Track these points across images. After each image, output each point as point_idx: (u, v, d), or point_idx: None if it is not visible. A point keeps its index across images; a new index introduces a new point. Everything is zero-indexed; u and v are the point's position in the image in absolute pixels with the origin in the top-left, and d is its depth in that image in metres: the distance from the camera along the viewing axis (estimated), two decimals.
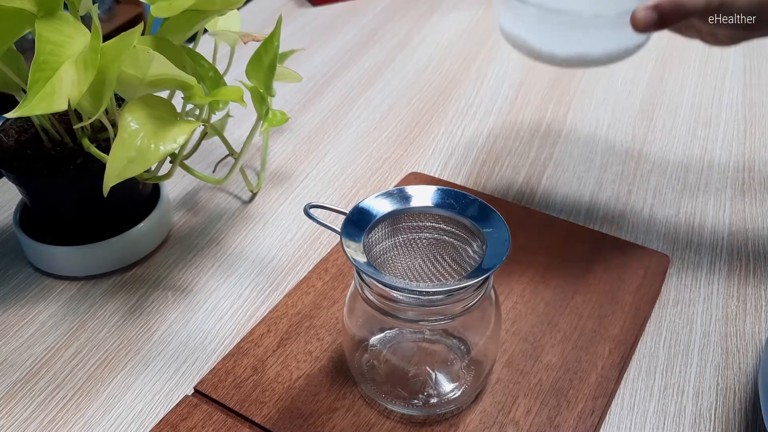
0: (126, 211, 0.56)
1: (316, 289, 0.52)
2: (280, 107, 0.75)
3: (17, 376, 0.48)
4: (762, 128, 0.72)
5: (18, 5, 0.44)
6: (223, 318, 0.52)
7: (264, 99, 0.53)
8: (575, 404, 0.44)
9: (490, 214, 0.41)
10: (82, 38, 0.45)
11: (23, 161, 0.52)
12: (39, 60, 0.43)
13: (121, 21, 1.97)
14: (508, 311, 0.50)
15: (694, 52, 0.85)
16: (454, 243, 0.43)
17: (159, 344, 0.50)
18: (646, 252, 0.55)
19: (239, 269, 0.57)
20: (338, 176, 0.66)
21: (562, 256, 0.55)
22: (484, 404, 0.44)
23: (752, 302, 0.53)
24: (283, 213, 0.62)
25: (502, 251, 0.39)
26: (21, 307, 0.53)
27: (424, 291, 0.38)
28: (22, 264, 0.57)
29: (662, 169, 0.67)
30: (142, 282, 0.55)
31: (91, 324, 0.52)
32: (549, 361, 0.47)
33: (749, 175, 0.66)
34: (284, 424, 0.43)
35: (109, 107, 0.50)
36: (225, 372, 0.46)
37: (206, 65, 0.52)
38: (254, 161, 0.68)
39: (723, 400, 0.46)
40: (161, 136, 0.46)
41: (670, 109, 0.76)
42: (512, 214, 0.59)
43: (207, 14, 0.51)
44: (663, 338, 0.50)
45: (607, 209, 0.62)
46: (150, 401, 0.47)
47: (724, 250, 0.58)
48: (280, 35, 0.51)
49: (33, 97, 0.42)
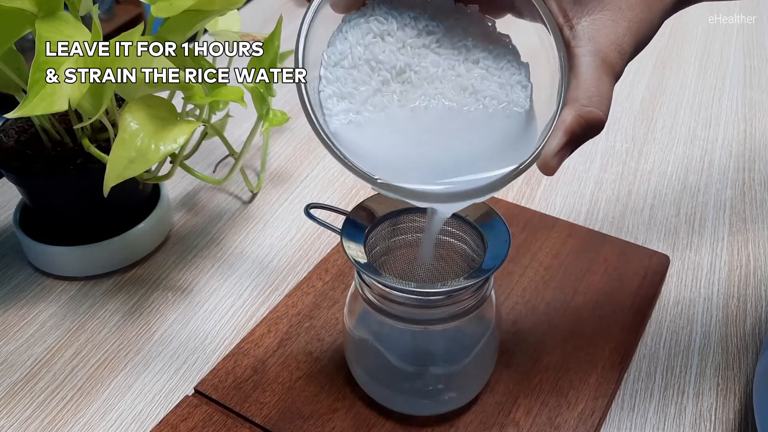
0: (126, 212, 0.56)
1: (317, 289, 0.52)
2: (281, 107, 0.75)
3: (17, 377, 0.48)
4: (762, 128, 0.72)
5: (18, 5, 0.44)
6: (223, 318, 0.52)
7: (264, 99, 0.53)
8: (575, 405, 0.44)
9: (490, 214, 0.41)
10: (82, 38, 0.45)
11: (23, 161, 0.52)
12: (39, 60, 0.43)
13: (121, 21, 1.97)
14: (508, 312, 0.50)
15: (694, 52, 0.85)
16: (454, 243, 0.43)
17: (159, 344, 0.50)
18: (646, 252, 0.55)
19: (239, 269, 0.57)
20: (338, 176, 0.66)
21: (562, 256, 0.55)
22: (484, 404, 0.44)
23: (752, 303, 0.53)
24: (284, 213, 0.62)
25: (502, 252, 0.39)
26: (21, 308, 0.53)
27: (424, 292, 0.38)
28: (22, 264, 0.57)
29: (662, 169, 0.67)
30: (142, 282, 0.55)
31: (91, 324, 0.52)
32: (549, 361, 0.47)
33: (749, 175, 0.66)
34: (284, 424, 0.43)
35: (109, 107, 0.50)
36: (225, 372, 0.46)
37: (206, 65, 0.51)
38: (254, 161, 0.68)
39: (723, 400, 0.46)
40: (161, 136, 0.46)
41: (670, 109, 0.76)
42: (512, 214, 0.59)
43: (207, 14, 0.50)
44: (663, 339, 0.50)
45: (607, 209, 0.62)
46: (150, 401, 0.47)
47: (724, 250, 0.58)
48: (281, 35, 0.51)
49: (33, 98, 0.42)
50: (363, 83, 0.35)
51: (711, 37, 0.88)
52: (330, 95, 0.35)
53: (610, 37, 0.34)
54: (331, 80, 0.35)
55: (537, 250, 0.55)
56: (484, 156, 0.36)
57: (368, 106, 0.35)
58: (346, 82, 0.35)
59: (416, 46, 0.35)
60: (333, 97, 0.35)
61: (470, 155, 0.36)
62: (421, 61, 0.36)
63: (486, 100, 0.36)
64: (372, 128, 0.35)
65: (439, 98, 0.36)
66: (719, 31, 0.89)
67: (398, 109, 0.36)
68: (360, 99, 0.35)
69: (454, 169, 0.36)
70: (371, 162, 0.35)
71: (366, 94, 0.35)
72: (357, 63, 0.35)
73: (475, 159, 0.36)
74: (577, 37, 0.35)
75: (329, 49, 0.35)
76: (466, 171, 0.35)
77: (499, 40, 0.36)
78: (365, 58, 0.35)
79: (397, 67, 0.35)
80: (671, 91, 0.78)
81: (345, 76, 0.35)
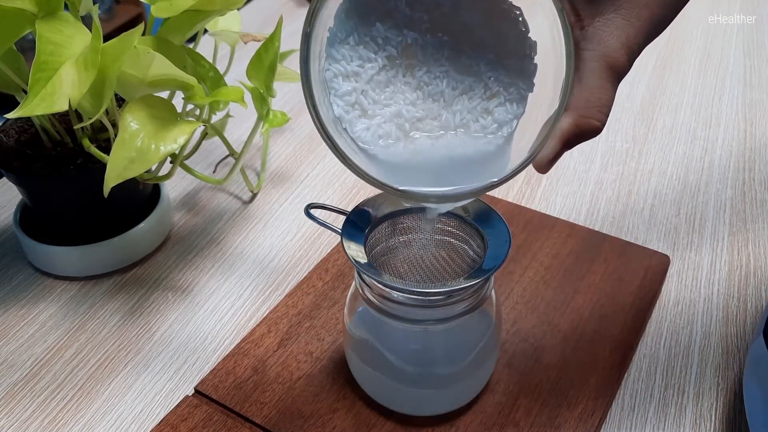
0: (126, 212, 0.56)
1: (317, 289, 0.52)
2: (281, 107, 0.75)
3: (17, 377, 0.48)
4: (762, 128, 0.72)
5: (18, 5, 0.44)
6: (223, 318, 0.52)
7: (264, 99, 0.53)
8: (576, 405, 0.44)
9: (490, 214, 0.41)
10: (82, 38, 0.45)
11: (23, 161, 0.52)
12: (39, 60, 0.43)
13: (121, 21, 1.97)
14: (509, 312, 0.50)
15: (694, 52, 0.85)
16: (455, 243, 0.43)
17: (159, 344, 0.50)
18: (646, 252, 0.55)
19: (239, 269, 0.57)
20: (339, 176, 0.66)
21: (562, 256, 0.55)
22: (484, 405, 0.44)
23: (752, 303, 0.53)
24: (284, 213, 0.62)
25: (502, 252, 0.39)
26: (21, 308, 0.53)
27: (424, 292, 0.38)
28: (22, 264, 0.57)
29: (662, 169, 0.67)
30: (143, 282, 0.55)
31: (92, 324, 0.52)
32: (549, 361, 0.47)
33: (749, 175, 0.66)
34: (285, 424, 0.43)
35: (109, 107, 0.50)
36: (225, 372, 0.46)
37: (206, 65, 0.51)
38: (254, 161, 0.68)
39: (723, 400, 0.46)
40: (162, 136, 0.46)
41: (670, 109, 0.76)
42: (512, 214, 0.59)
43: (207, 14, 0.50)
44: (663, 339, 0.50)
45: (607, 209, 0.62)
46: (150, 401, 0.47)
47: (724, 250, 0.58)
48: (281, 35, 0.51)
49: (33, 98, 0.42)
50: (369, 60, 0.35)
51: (711, 37, 0.88)
52: (335, 75, 0.35)
53: (621, 39, 0.34)
54: (337, 59, 0.35)
55: (537, 250, 0.55)
56: (484, 149, 0.36)
57: (373, 84, 0.35)
58: (352, 59, 0.35)
59: (423, 21, 0.35)
60: (338, 77, 0.35)
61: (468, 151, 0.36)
62: (429, 38, 0.35)
63: (491, 81, 0.35)
64: (374, 110, 0.35)
65: (443, 77, 0.35)
66: (719, 31, 0.89)
67: (403, 86, 0.35)
68: (366, 78, 0.35)
69: (453, 169, 0.35)
70: (371, 157, 0.35)
71: (371, 72, 0.35)
72: (363, 40, 0.35)
73: (473, 156, 0.36)
74: (587, 39, 0.34)
75: (335, 26, 0.35)
76: (464, 171, 0.35)
77: (508, 16, 0.35)
78: (372, 35, 0.35)
79: (403, 43, 0.35)
80: (671, 91, 0.78)
81: (351, 54, 0.35)
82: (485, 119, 0.36)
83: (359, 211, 0.42)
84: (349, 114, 0.35)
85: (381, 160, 0.36)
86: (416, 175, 0.35)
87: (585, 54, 0.34)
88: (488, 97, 0.36)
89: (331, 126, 0.34)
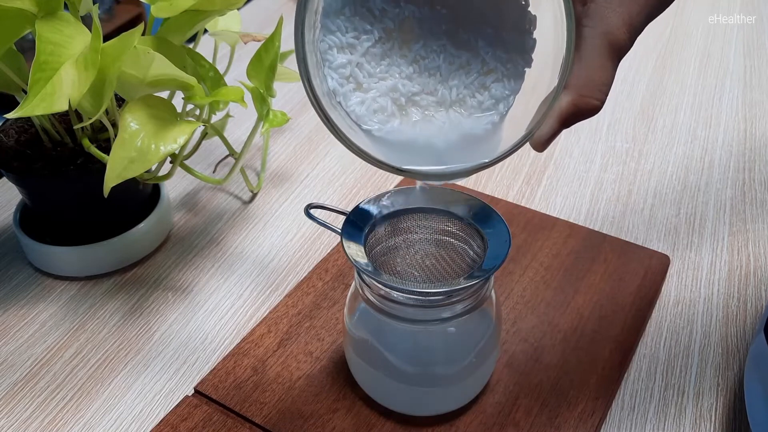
0: (126, 212, 0.56)
1: (317, 289, 0.52)
2: (281, 107, 0.75)
3: (17, 377, 0.48)
4: (762, 128, 0.72)
5: (18, 5, 0.44)
6: (223, 318, 0.52)
7: (265, 99, 0.53)
8: (576, 405, 0.44)
9: (490, 214, 0.41)
10: (82, 38, 0.45)
11: (23, 161, 0.52)
12: (39, 60, 0.43)
13: (121, 21, 1.97)
14: (509, 312, 0.50)
15: (694, 52, 0.85)
16: (454, 243, 0.43)
17: (159, 344, 0.50)
18: (646, 252, 0.55)
19: (239, 269, 0.57)
20: (339, 176, 0.66)
21: (562, 256, 0.55)
22: (484, 405, 0.44)
23: (753, 303, 0.53)
24: (284, 213, 0.62)
25: (502, 252, 0.39)
26: (21, 308, 0.53)
27: (424, 292, 0.38)
28: (22, 264, 0.57)
29: (662, 169, 0.67)
30: (142, 282, 0.55)
31: (91, 324, 0.52)
32: (549, 361, 0.47)
33: (749, 175, 0.66)
34: (284, 424, 0.43)
35: (109, 107, 0.50)
36: (225, 372, 0.46)
37: (206, 65, 0.52)
38: (254, 161, 0.68)
39: (723, 400, 0.46)
40: (162, 136, 0.46)
41: (670, 109, 0.76)
42: (512, 214, 0.59)
43: (207, 14, 0.50)
44: (663, 339, 0.50)
45: (607, 209, 0.62)
46: (150, 401, 0.47)
47: (724, 250, 0.58)
48: (281, 35, 0.51)
49: (33, 98, 0.42)
50: (365, 32, 0.34)
51: (711, 37, 0.88)
52: (330, 46, 0.34)
53: (623, 17, 0.33)
54: (332, 30, 0.34)
55: (537, 250, 0.55)
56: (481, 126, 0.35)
57: (368, 57, 0.34)
58: (347, 31, 0.34)
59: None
60: (333, 48, 0.34)
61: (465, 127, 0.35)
62: (427, 11, 0.34)
63: (488, 56, 0.35)
64: (369, 84, 0.35)
65: (440, 51, 0.35)
66: (719, 31, 0.89)
67: (399, 59, 0.35)
68: (361, 50, 0.34)
69: (449, 147, 0.35)
70: (365, 132, 0.34)
71: (367, 45, 0.34)
72: (359, 11, 0.34)
73: (469, 133, 0.35)
74: (589, 16, 0.33)
75: None
76: (460, 149, 0.35)
77: None
78: (368, 6, 0.34)
79: (401, 16, 0.34)
80: (671, 91, 0.78)
81: (346, 25, 0.34)
82: (482, 95, 0.35)
83: (359, 211, 0.42)
84: (344, 87, 0.34)
85: (375, 137, 0.35)
86: (410, 153, 0.35)
87: (586, 31, 0.33)
88: (485, 73, 0.35)
89: (325, 99, 0.33)
